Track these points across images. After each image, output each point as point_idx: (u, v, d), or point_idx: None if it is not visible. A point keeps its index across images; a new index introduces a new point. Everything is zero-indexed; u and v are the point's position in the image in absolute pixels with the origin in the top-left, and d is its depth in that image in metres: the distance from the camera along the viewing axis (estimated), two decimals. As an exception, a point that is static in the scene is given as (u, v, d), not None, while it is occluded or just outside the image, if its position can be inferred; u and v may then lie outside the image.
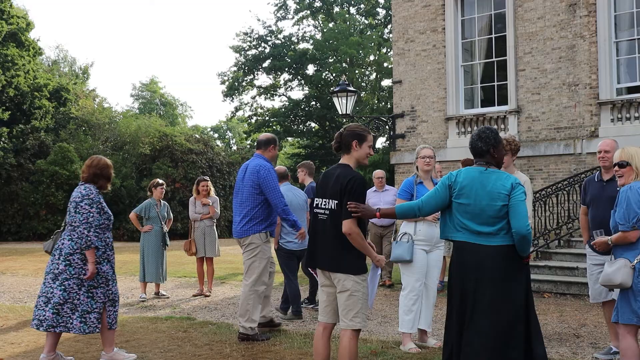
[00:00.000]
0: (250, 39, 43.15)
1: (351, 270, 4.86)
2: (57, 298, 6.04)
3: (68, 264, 6.10)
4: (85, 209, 6.15)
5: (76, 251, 6.12)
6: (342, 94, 15.60)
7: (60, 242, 6.25)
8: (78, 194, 6.24)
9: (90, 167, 6.37)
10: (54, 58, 49.72)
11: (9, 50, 29.16)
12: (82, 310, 6.09)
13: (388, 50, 39.70)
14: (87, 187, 6.29)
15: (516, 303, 4.46)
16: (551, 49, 14.45)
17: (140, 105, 63.16)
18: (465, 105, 16.02)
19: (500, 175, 4.61)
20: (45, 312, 6.06)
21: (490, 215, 4.50)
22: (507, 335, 4.41)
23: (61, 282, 6.07)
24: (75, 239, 6.14)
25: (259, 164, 7.30)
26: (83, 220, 6.13)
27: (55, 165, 28.78)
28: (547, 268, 11.13)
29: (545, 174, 14.40)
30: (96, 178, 6.38)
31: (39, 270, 15.13)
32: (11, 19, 30.04)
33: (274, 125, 44.66)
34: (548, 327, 7.99)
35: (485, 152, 4.69)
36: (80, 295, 6.10)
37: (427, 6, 16.29)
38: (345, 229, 4.79)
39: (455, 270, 4.66)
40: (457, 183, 4.66)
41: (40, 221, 28.61)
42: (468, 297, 4.51)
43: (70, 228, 6.21)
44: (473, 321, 4.46)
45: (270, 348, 6.80)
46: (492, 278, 4.45)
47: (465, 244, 4.59)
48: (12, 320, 8.70)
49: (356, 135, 5.05)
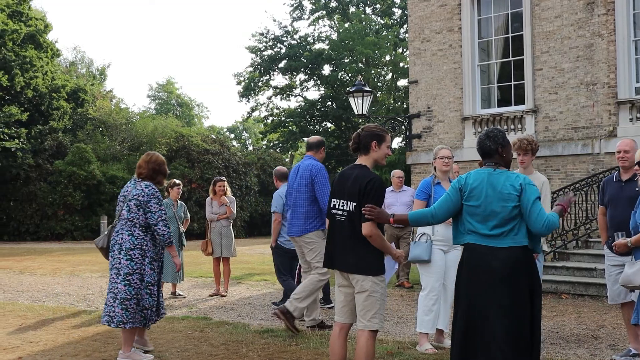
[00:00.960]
0: (266, 39, 43.22)
1: (370, 272, 4.85)
2: (123, 294, 6.17)
3: (129, 258, 6.21)
4: (156, 208, 6.28)
5: (137, 247, 6.24)
6: (358, 94, 15.58)
7: (119, 237, 6.31)
8: (141, 192, 6.31)
9: (149, 162, 6.46)
10: (72, 59, 50.13)
11: (28, 52, 29.41)
12: (143, 305, 6.26)
13: (404, 50, 39.60)
14: (149, 185, 6.37)
15: (527, 306, 4.40)
16: (569, 48, 14.35)
17: (156, 105, 63.51)
18: (482, 105, 15.94)
19: (509, 176, 4.53)
20: (115, 309, 6.18)
21: (501, 216, 4.43)
22: (519, 338, 4.34)
23: (124, 277, 6.19)
24: (136, 233, 6.26)
25: (311, 163, 7.53)
26: (158, 218, 6.27)
27: (72, 165, 29.01)
28: (564, 269, 11.05)
29: (563, 174, 14.30)
30: (154, 174, 6.47)
31: (56, 270, 15.25)
32: (30, 21, 30.30)
33: (290, 126, 44.70)
34: (566, 328, 7.93)
35: (494, 151, 4.61)
36: (142, 291, 6.25)
37: (443, 6, 16.23)
38: (366, 232, 4.77)
39: (465, 272, 4.58)
40: (467, 185, 4.58)
41: (58, 221, 28.84)
42: (478, 299, 4.45)
43: (130, 224, 6.28)
44: (485, 325, 4.39)
45: (287, 348, 6.81)
46: (502, 280, 4.37)
47: (475, 245, 4.52)
48: (30, 319, 8.77)
49: (375, 135, 5.02)
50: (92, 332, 7.84)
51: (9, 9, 29.15)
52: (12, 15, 29.18)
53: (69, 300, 10.53)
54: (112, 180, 29.79)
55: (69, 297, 10.87)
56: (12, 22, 28.45)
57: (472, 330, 4.45)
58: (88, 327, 8.17)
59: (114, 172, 30.14)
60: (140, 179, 6.45)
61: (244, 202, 31.45)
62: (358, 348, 4.87)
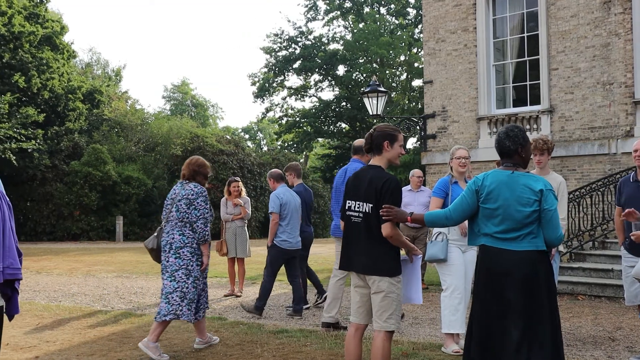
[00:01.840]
0: (281, 40, 43.29)
1: (387, 272, 4.84)
2: (167, 288, 6.54)
3: (177, 256, 6.57)
4: (201, 205, 6.62)
5: (186, 245, 6.58)
6: (373, 94, 15.55)
7: (169, 237, 6.65)
8: (191, 191, 6.65)
9: (190, 164, 6.88)
10: (88, 61, 50.50)
11: (44, 54, 29.63)
12: (189, 299, 6.55)
13: (419, 50, 39.53)
14: (197, 185, 6.75)
15: (545, 310, 4.31)
16: (585, 48, 14.25)
17: (171, 106, 63.78)
18: (497, 105, 15.86)
19: (529, 179, 4.40)
20: (182, 306, 6.52)
21: (518, 220, 4.33)
22: (536, 344, 4.25)
23: (170, 273, 6.56)
24: (186, 233, 6.60)
25: (359, 167, 7.57)
26: (200, 215, 6.59)
27: (88, 166, 29.20)
28: (581, 270, 10.97)
29: (579, 174, 14.20)
30: (195, 175, 6.83)
31: (73, 269, 15.35)
32: (46, 23, 30.52)
33: (305, 126, 44.76)
34: (582, 329, 7.87)
35: (514, 152, 4.49)
36: (188, 285, 6.55)
37: (458, 5, 16.17)
38: (386, 233, 4.76)
39: (481, 275, 4.51)
40: (485, 187, 4.47)
41: (74, 221, 29.05)
42: (493, 303, 4.37)
43: (180, 224, 6.62)
44: (501, 330, 4.31)
45: (301, 349, 6.80)
46: (518, 284, 4.29)
47: (490, 248, 4.44)
48: (47, 318, 8.83)
49: (387, 135, 5.00)
50: (108, 331, 7.88)
51: (26, 11, 29.39)
52: (29, 17, 29.41)
53: (85, 300, 10.59)
54: (128, 180, 29.95)
55: (85, 297, 10.93)
56: (29, 24, 28.67)
57: (487, 336, 4.38)
58: (104, 326, 8.21)
59: (129, 173, 30.31)
60: (186, 180, 6.83)
61: (259, 202, 31.50)
62: (374, 349, 4.86)
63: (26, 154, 27.21)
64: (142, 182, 30.25)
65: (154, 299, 10.70)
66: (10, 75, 27.46)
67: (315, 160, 53.72)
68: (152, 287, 12.09)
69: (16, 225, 13.56)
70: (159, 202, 30.07)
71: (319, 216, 35.36)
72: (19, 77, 27.40)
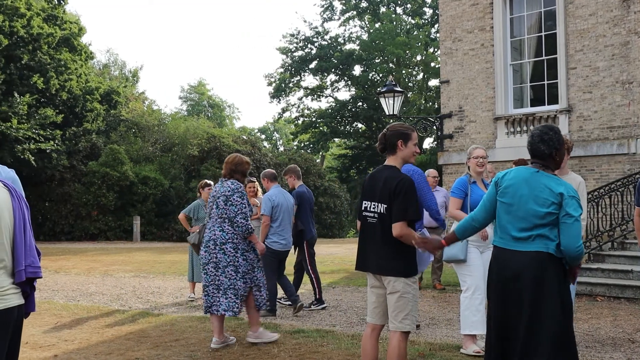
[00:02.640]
0: (297, 40, 43.34)
1: (402, 273, 4.81)
2: (224, 284, 6.85)
3: (223, 252, 6.86)
4: (237, 201, 6.87)
5: (227, 240, 6.86)
6: (389, 94, 15.51)
7: (212, 233, 6.94)
8: (228, 189, 6.94)
9: (227, 163, 7.16)
10: (105, 62, 50.80)
11: (62, 55, 29.85)
12: (241, 294, 6.88)
13: (435, 50, 39.39)
14: (235, 181, 7.02)
15: (558, 316, 4.15)
16: (603, 46, 14.12)
17: (188, 107, 64.04)
18: (515, 104, 15.77)
19: (551, 180, 4.26)
20: (219, 299, 6.84)
21: (532, 220, 4.21)
22: (548, 349, 4.12)
23: (223, 269, 6.85)
24: (226, 229, 6.87)
25: (411, 169, 7.65)
26: (238, 211, 6.85)
27: (106, 166, 29.40)
28: (599, 271, 10.87)
29: (598, 174, 14.08)
30: (233, 173, 7.10)
31: (90, 269, 15.45)
32: (64, 25, 30.75)
33: (321, 126, 44.77)
34: (601, 331, 7.80)
35: (547, 156, 4.33)
36: (238, 281, 6.85)
37: (475, 5, 16.09)
38: (396, 232, 4.73)
39: (494, 278, 4.42)
40: (505, 180, 4.40)
41: (92, 221, 29.26)
42: (505, 307, 4.29)
43: (220, 220, 6.91)
44: (514, 334, 4.23)
45: (318, 349, 6.80)
46: (528, 287, 4.18)
47: (502, 250, 4.35)
48: (65, 317, 8.89)
49: (401, 134, 4.97)
50: (126, 331, 7.92)
51: (44, 13, 29.63)
52: (48, 19, 29.65)
53: (102, 300, 10.65)
54: (145, 181, 30.11)
55: (103, 297, 11.00)
56: (47, 25, 28.90)
57: (501, 341, 4.31)
58: (121, 326, 8.26)
59: (146, 173, 30.47)
60: (226, 178, 7.11)
61: (275, 202, 31.51)
62: (390, 349, 4.84)
63: (45, 154, 27.45)
64: (159, 183, 30.40)
65: (171, 298, 10.74)
66: (29, 76, 27.70)
67: (332, 161, 53.72)
68: (169, 287, 12.14)
69: (35, 226, 13.71)
70: (176, 202, 30.23)
71: (335, 216, 35.34)
72: (38, 79, 27.64)
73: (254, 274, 7.02)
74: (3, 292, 3.39)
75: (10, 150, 25.50)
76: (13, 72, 27.25)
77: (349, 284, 12.32)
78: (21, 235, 3.49)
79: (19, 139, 25.82)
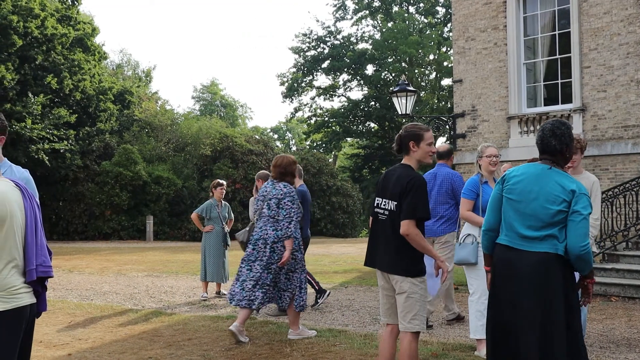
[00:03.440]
0: (309, 40, 43.34)
1: (408, 273, 4.79)
2: (263, 280, 7.12)
3: (272, 250, 7.11)
4: (287, 205, 7.13)
5: (280, 239, 7.11)
6: (402, 93, 15.47)
7: (263, 232, 7.20)
8: (280, 191, 7.17)
9: (275, 166, 7.36)
10: (118, 62, 51.07)
11: (76, 55, 30.03)
12: (280, 288, 7.23)
13: (448, 49, 39.28)
14: (287, 185, 7.27)
15: (562, 320, 4.00)
16: (618, 45, 14.02)
17: (201, 107, 64.23)
18: (528, 103, 15.69)
19: (563, 177, 4.12)
20: (255, 293, 7.08)
21: (541, 218, 4.06)
22: (551, 356, 3.99)
23: (267, 266, 7.11)
24: (278, 229, 7.13)
25: (450, 172, 8.29)
26: (286, 214, 7.12)
27: (119, 166, 29.54)
28: (614, 271, 10.79)
29: (612, 173, 13.98)
30: (282, 175, 7.32)
31: (104, 268, 15.52)
32: (78, 25, 30.94)
33: (333, 126, 44.74)
34: (616, 332, 7.74)
35: (558, 151, 4.20)
36: (281, 277, 7.21)
37: (488, 3, 16.02)
38: (403, 230, 4.71)
39: (497, 279, 4.27)
40: (512, 177, 4.27)
41: (105, 221, 29.39)
42: (506, 310, 4.15)
43: (272, 220, 7.16)
44: (514, 339, 4.09)
45: (330, 348, 6.79)
46: (532, 289, 4.03)
47: (507, 248, 4.20)
48: (79, 317, 8.93)
49: (413, 135, 4.95)
50: (139, 330, 7.94)
51: (58, 13, 29.81)
52: (61, 19, 29.83)
53: (116, 299, 10.70)
54: (158, 180, 30.22)
55: (116, 296, 11.04)
56: (61, 26, 29.08)
57: (499, 346, 4.18)
58: (134, 325, 8.28)
59: (159, 173, 30.58)
60: (276, 180, 7.31)
61: (288, 202, 31.54)
62: (402, 350, 4.82)
63: (59, 154, 27.63)
64: (172, 182, 30.50)
65: (184, 297, 10.77)
66: (43, 77, 27.89)
67: (344, 160, 53.69)
68: (182, 287, 12.17)
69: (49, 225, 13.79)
70: (189, 201, 30.31)
71: (347, 216, 35.30)
72: (52, 79, 27.81)
73: (297, 274, 7.30)
74: (15, 291, 3.42)
75: (24, 150, 25.68)
76: (27, 73, 27.44)
77: (361, 284, 12.30)
78: (32, 234, 3.52)
79: (33, 139, 25.99)
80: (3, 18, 25.80)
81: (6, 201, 3.41)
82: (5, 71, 25.60)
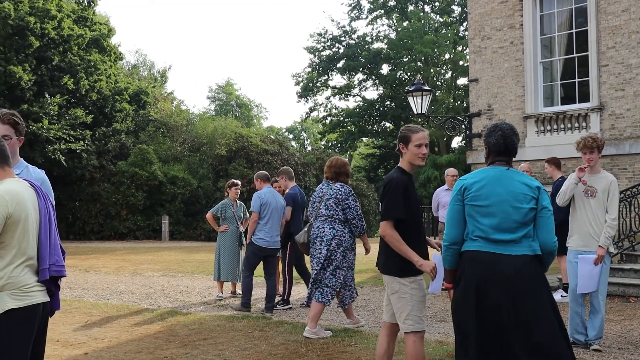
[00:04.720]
0: (324, 39, 43.31)
1: (395, 272, 4.80)
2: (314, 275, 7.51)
3: (327, 247, 7.41)
4: (353, 204, 7.48)
5: (335, 237, 7.41)
6: (417, 93, 15.41)
7: (319, 230, 7.51)
8: (338, 191, 7.46)
9: (330, 167, 7.64)
10: (134, 62, 51.34)
11: (92, 56, 30.21)
12: (324, 284, 7.47)
13: (464, 48, 39.10)
14: (344, 185, 7.55)
15: (553, 320, 3.95)
16: (637, 43, 13.88)
17: (216, 107, 64.41)
18: (545, 103, 15.57)
19: (522, 176, 4.19)
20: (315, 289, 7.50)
21: (514, 219, 4.02)
22: (544, 355, 3.90)
23: (323, 263, 7.45)
24: (336, 227, 7.42)
25: None
26: (355, 213, 7.47)
27: (135, 166, 29.66)
28: (632, 271, 10.68)
29: (630, 173, 13.84)
30: (338, 176, 7.60)
31: (120, 268, 15.59)
32: (94, 26, 31.13)
33: (349, 126, 44.70)
34: (634, 332, 7.66)
35: (515, 150, 4.29)
36: (327, 272, 7.47)
37: (504, 2, 15.92)
38: (380, 230, 4.80)
39: (470, 286, 4.05)
40: (473, 184, 4.15)
41: (121, 221, 29.52)
42: (490, 317, 3.95)
43: (330, 219, 7.44)
44: (506, 348, 3.92)
45: (346, 348, 6.77)
46: (518, 293, 3.93)
47: (481, 254, 4.05)
48: (95, 316, 8.97)
49: (401, 137, 4.95)
50: (155, 330, 7.96)
51: (74, 14, 30.00)
52: (78, 20, 30.02)
53: (132, 299, 10.73)
54: (173, 180, 30.32)
55: (132, 296, 11.08)
56: (77, 27, 29.26)
57: (490, 351, 3.97)
58: (150, 324, 8.31)
59: (175, 173, 30.68)
60: (332, 181, 7.58)
61: (303, 202, 31.56)
62: (406, 351, 4.83)
63: (75, 154, 27.80)
64: (187, 182, 30.59)
65: (200, 297, 10.79)
66: (60, 77, 28.08)
67: (360, 160, 53.63)
68: (197, 286, 12.20)
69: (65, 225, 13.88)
70: (204, 201, 30.37)
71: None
72: (68, 79, 27.99)
73: (346, 272, 7.55)
74: (28, 289, 3.45)
75: (41, 150, 25.86)
76: (44, 74, 27.64)
77: (376, 284, 12.27)
78: (46, 234, 3.55)
79: (49, 139, 26.17)
80: (20, 19, 26.00)
81: (21, 201, 3.43)
82: (23, 72, 25.79)
